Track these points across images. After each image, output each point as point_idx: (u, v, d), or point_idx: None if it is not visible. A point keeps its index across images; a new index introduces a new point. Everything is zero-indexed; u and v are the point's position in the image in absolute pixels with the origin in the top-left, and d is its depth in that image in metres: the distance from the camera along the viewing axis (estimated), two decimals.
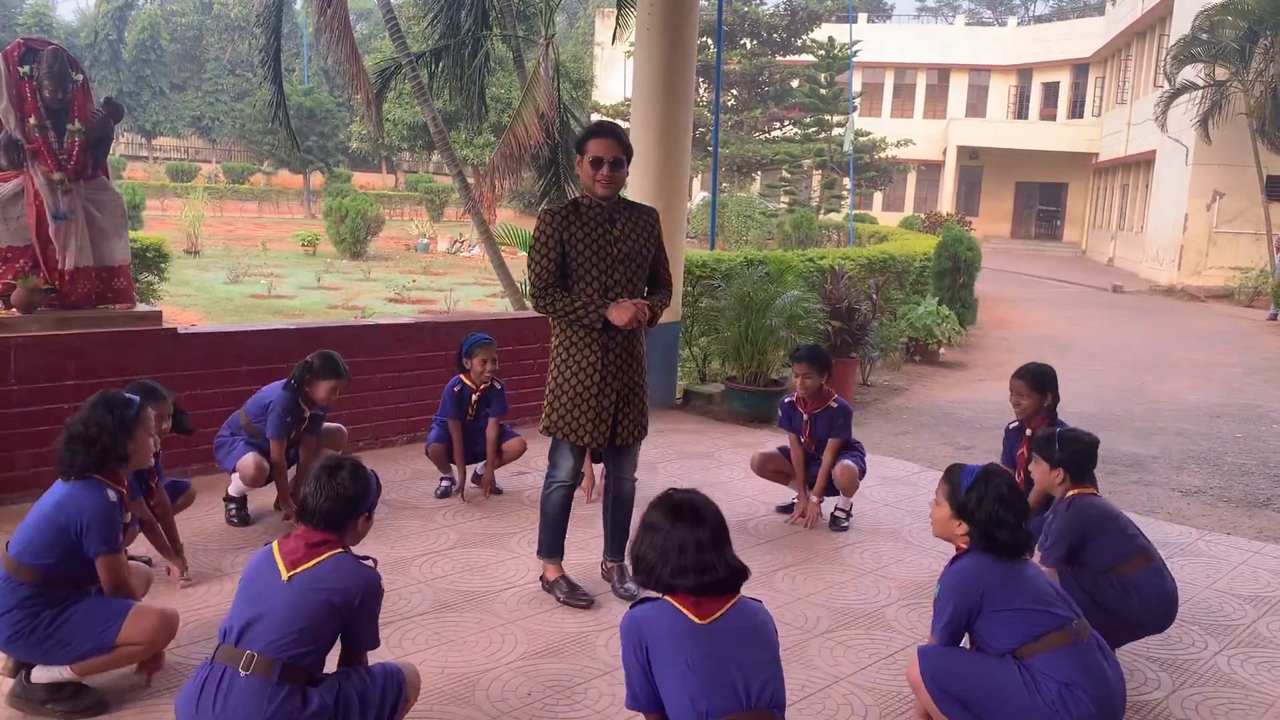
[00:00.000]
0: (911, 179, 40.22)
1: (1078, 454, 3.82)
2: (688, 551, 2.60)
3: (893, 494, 6.22)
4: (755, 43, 32.13)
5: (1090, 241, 37.31)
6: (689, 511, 2.67)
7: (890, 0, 62.35)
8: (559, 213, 4.01)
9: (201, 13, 57.55)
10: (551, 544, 4.34)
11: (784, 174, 33.56)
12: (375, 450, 6.45)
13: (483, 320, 7.68)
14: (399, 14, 13.06)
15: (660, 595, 2.67)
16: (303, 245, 24.65)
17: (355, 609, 2.83)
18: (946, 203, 38.56)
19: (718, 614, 2.60)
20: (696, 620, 2.58)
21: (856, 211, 28.08)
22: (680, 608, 2.60)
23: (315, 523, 2.91)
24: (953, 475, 3.20)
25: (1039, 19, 52.78)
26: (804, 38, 32.02)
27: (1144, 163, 29.48)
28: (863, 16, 42.74)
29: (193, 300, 14.90)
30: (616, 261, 3.98)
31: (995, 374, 11.49)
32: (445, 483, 5.71)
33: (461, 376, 5.61)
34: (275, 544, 2.93)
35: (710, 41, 24.66)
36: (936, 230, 21.88)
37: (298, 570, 2.83)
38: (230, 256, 22.00)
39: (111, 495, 3.28)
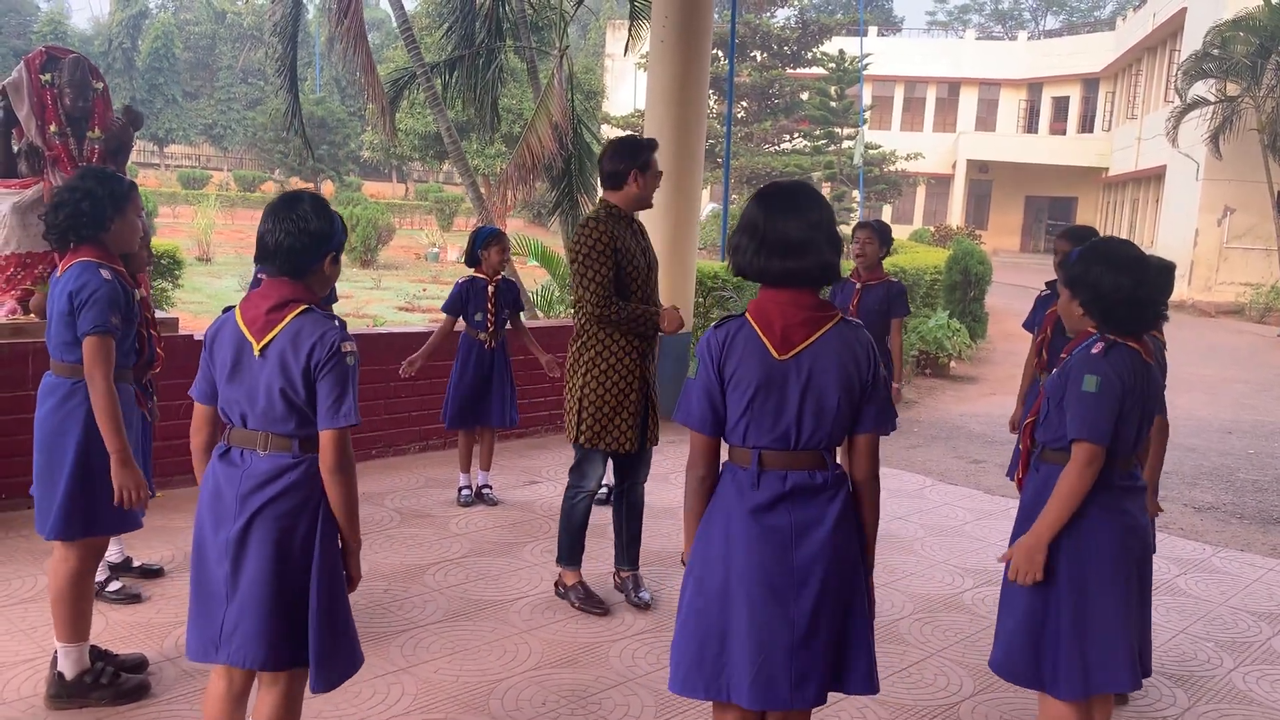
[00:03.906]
0: (921, 192, 40.21)
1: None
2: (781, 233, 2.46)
3: (904, 507, 6.21)
4: (766, 55, 32.16)
5: None
6: (788, 196, 2.51)
7: (901, 14, 62.59)
8: (607, 220, 3.98)
9: (215, 22, 57.96)
10: (572, 551, 4.36)
11: None
12: (387, 459, 6.47)
13: None
14: (413, 24, 13.13)
15: (743, 314, 2.56)
16: None
17: (314, 370, 2.50)
18: (956, 216, 38.56)
19: (798, 349, 2.44)
20: (775, 355, 2.45)
21: None
22: (762, 337, 2.47)
23: (275, 266, 2.57)
24: (1066, 258, 2.90)
25: (1049, 33, 52.66)
26: (815, 51, 32.06)
27: (1154, 178, 29.46)
28: (873, 30, 42.80)
29: (205, 307, 14.94)
30: (650, 269, 4.05)
31: (1006, 387, 11.47)
32: (466, 492, 5.73)
33: (473, 271, 5.58)
34: (238, 309, 2.61)
35: (721, 54, 24.72)
36: (946, 244, 21.87)
37: (266, 341, 2.53)
38: (242, 264, 22.00)
39: (106, 274, 3.15)
